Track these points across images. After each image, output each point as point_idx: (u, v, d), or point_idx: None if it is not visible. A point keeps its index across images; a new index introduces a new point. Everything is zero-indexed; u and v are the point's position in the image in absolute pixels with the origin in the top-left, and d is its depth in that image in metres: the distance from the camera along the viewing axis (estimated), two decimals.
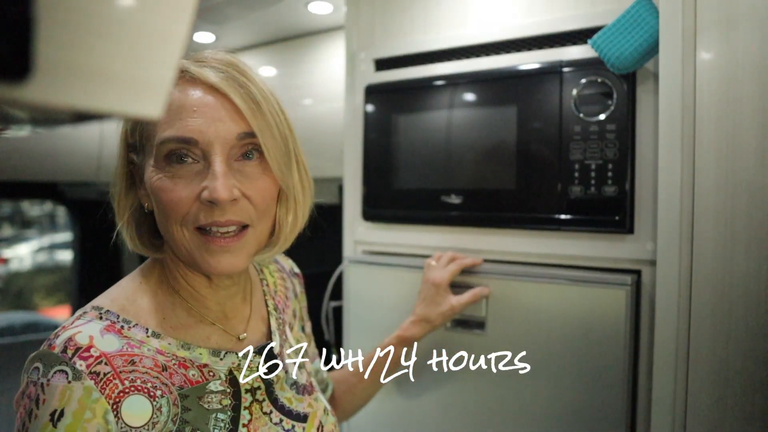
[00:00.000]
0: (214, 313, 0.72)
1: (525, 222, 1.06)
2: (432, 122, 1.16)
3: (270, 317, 0.80)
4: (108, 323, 0.63)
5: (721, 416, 0.85)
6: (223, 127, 0.63)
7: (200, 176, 0.63)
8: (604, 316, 0.95)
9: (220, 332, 0.72)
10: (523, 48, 1.09)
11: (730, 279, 0.84)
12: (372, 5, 1.30)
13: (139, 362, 0.62)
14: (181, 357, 0.66)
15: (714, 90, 0.86)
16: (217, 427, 0.65)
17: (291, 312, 0.86)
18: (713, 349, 0.86)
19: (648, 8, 0.91)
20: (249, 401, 0.69)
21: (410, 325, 1.03)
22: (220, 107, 0.64)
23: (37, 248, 4.59)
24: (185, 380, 0.64)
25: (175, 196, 0.63)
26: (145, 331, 0.65)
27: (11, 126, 0.33)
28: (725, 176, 0.85)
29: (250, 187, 0.65)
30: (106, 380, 0.59)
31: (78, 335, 0.60)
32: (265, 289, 0.83)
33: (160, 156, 0.64)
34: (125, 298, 0.67)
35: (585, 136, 0.99)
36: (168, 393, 0.63)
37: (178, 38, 0.31)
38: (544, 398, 1.01)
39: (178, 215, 0.63)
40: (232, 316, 0.74)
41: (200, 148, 0.63)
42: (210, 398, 0.66)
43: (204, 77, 0.64)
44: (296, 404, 0.75)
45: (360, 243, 1.31)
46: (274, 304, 0.82)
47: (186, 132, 0.62)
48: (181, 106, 0.63)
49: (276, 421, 0.71)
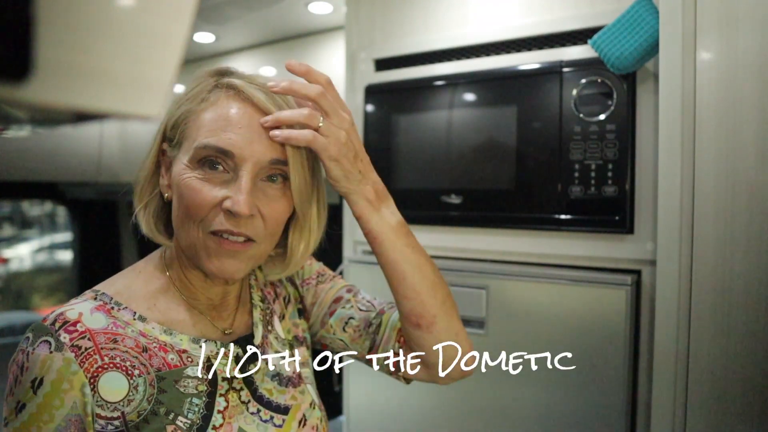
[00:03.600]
0: (203, 304, 0.75)
1: (525, 222, 1.06)
2: (432, 122, 1.16)
3: (254, 309, 0.81)
4: (100, 303, 0.68)
5: (721, 416, 0.85)
6: (260, 148, 0.67)
7: (226, 185, 0.67)
8: (604, 316, 0.95)
9: (206, 322, 0.75)
10: (523, 48, 1.09)
11: (730, 279, 0.84)
12: (372, 5, 1.30)
13: (121, 341, 0.66)
14: (162, 341, 0.69)
15: (714, 90, 0.86)
16: (191, 410, 0.68)
17: (282, 300, 0.86)
18: (713, 349, 0.86)
19: (648, 8, 0.91)
20: (225, 389, 0.72)
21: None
22: (262, 130, 0.68)
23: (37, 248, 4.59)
24: (164, 363, 0.68)
25: (200, 197, 0.67)
26: (133, 314, 0.69)
27: (11, 126, 0.33)
28: (725, 176, 0.85)
29: (266, 207, 0.69)
30: (86, 354, 0.62)
31: (69, 311, 0.65)
32: (253, 282, 0.84)
33: (195, 158, 0.68)
34: (122, 285, 0.72)
35: (585, 136, 0.99)
36: (146, 373, 0.66)
37: (178, 38, 0.31)
38: (544, 397, 1.01)
39: (198, 216, 0.67)
40: (222, 309, 0.77)
41: (234, 161, 0.67)
42: (186, 382, 0.68)
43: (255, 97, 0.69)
44: (277, 396, 0.76)
45: (360, 243, 1.31)
46: (262, 295, 0.84)
47: (226, 144, 0.66)
48: (228, 118, 0.68)
49: (253, 411, 0.73)
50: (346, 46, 1.33)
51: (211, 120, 0.67)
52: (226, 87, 0.70)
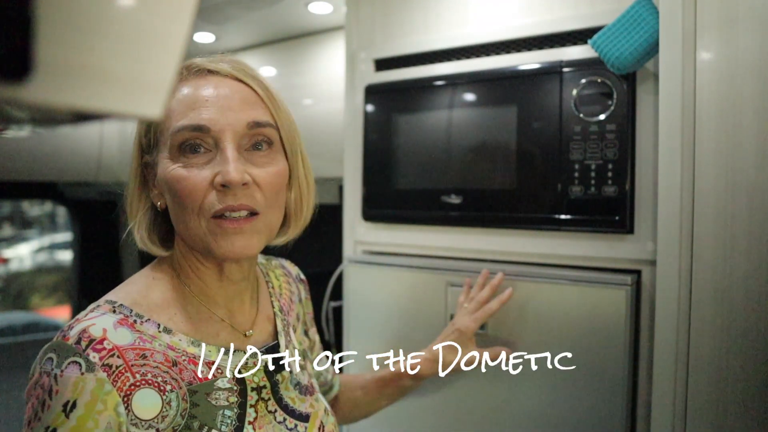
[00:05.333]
0: (222, 309, 0.74)
1: (525, 222, 1.06)
2: (432, 122, 1.16)
3: (276, 318, 0.81)
4: (121, 317, 0.65)
5: (721, 416, 0.85)
6: (234, 116, 0.67)
7: (213, 164, 0.67)
8: (604, 316, 0.95)
9: (228, 329, 0.74)
10: (523, 48, 1.09)
11: (730, 279, 0.84)
12: (372, 5, 1.30)
13: (151, 357, 0.64)
14: (191, 353, 0.67)
15: (714, 90, 0.86)
16: (224, 423, 0.67)
17: (295, 315, 0.87)
18: (713, 349, 0.86)
19: (648, 8, 0.91)
20: (255, 399, 0.71)
21: (421, 361, 1.00)
22: (231, 97, 0.68)
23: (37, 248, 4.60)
24: (194, 376, 0.66)
25: (190, 183, 0.66)
26: (157, 326, 0.67)
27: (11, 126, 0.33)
28: (725, 176, 0.85)
29: (259, 174, 0.68)
30: (118, 373, 0.60)
31: (92, 327, 0.61)
32: (271, 291, 0.85)
33: (174, 146, 0.67)
34: (137, 293, 0.69)
35: (585, 136, 0.99)
36: (177, 388, 0.64)
37: (178, 38, 0.31)
38: (544, 398, 1.01)
39: (195, 204, 0.66)
40: (240, 314, 0.76)
41: (212, 137, 0.66)
42: (218, 395, 0.67)
43: (220, 68, 0.69)
44: (299, 404, 0.77)
45: (360, 243, 1.31)
46: (280, 305, 0.84)
47: (199, 120, 0.66)
48: (195, 97, 0.67)
49: (280, 420, 0.73)
50: (346, 46, 1.33)
51: (179, 103, 0.67)
52: (187, 70, 0.69)
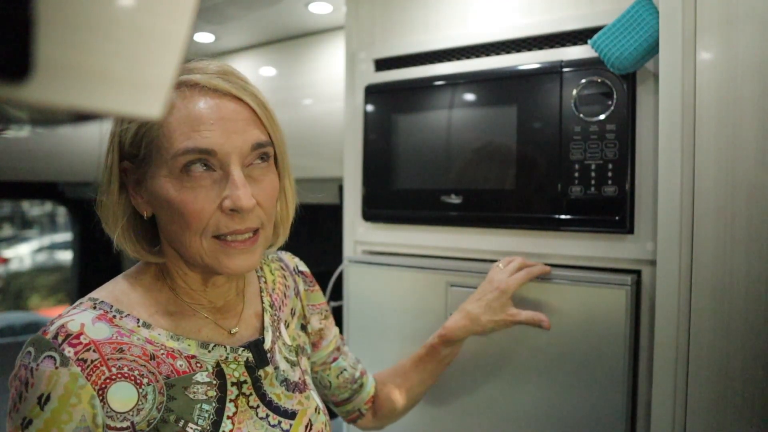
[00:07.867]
0: (206, 307, 0.75)
1: (525, 222, 1.06)
2: (432, 122, 1.16)
3: (264, 314, 0.81)
4: (101, 312, 0.66)
5: (721, 416, 0.85)
6: (239, 138, 0.66)
7: (218, 185, 0.66)
8: (604, 316, 0.95)
9: (212, 325, 0.74)
10: (523, 48, 1.09)
11: (730, 279, 0.84)
12: (372, 5, 1.30)
13: (128, 350, 0.65)
14: (170, 347, 0.68)
15: (714, 90, 0.86)
16: (201, 417, 0.67)
17: (288, 310, 0.86)
18: (713, 349, 0.86)
19: (648, 8, 0.91)
20: (235, 394, 0.71)
21: (456, 323, 0.99)
22: (235, 120, 0.67)
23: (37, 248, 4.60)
24: (172, 370, 0.67)
25: (198, 206, 0.65)
26: (137, 321, 0.68)
27: (11, 126, 0.33)
28: (725, 176, 0.85)
29: (259, 192, 0.69)
30: (93, 367, 0.61)
31: (70, 323, 0.63)
32: (263, 285, 0.84)
33: (176, 167, 0.65)
34: (120, 291, 0.70)
35: (585, 136, 0.99)
36: (154, 381, 0.65)
37: (178, 38, 0.31)
38: (544, 398, 1.01)
39: (200, 225, 0.66)
40: (225, 311, 0.77)
41: (218, 158, 0.66)
42: (196, 389, 0.68)
43: (217, 86, 0.67)
44: (285, 401, 0.76)
45: (360, 243, 1.31)
46: (271, 301, 0.83)
47: (206, 144, 0.65)
48: (197, 117, 0.65)
49: (262, 416, 0.73)
50: (346, 46, 1.33)
51: (180, 123, 0.65)
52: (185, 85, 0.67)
